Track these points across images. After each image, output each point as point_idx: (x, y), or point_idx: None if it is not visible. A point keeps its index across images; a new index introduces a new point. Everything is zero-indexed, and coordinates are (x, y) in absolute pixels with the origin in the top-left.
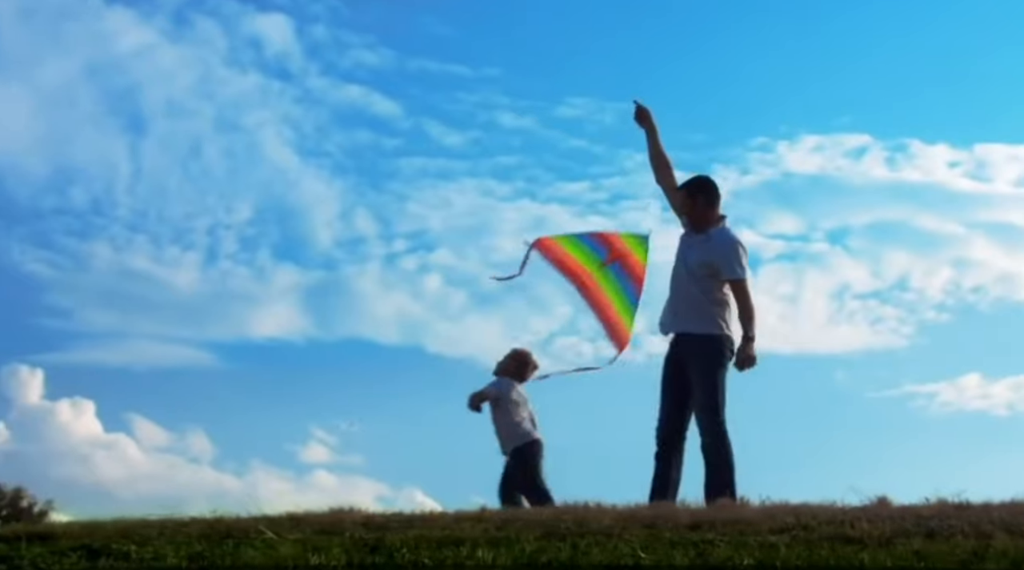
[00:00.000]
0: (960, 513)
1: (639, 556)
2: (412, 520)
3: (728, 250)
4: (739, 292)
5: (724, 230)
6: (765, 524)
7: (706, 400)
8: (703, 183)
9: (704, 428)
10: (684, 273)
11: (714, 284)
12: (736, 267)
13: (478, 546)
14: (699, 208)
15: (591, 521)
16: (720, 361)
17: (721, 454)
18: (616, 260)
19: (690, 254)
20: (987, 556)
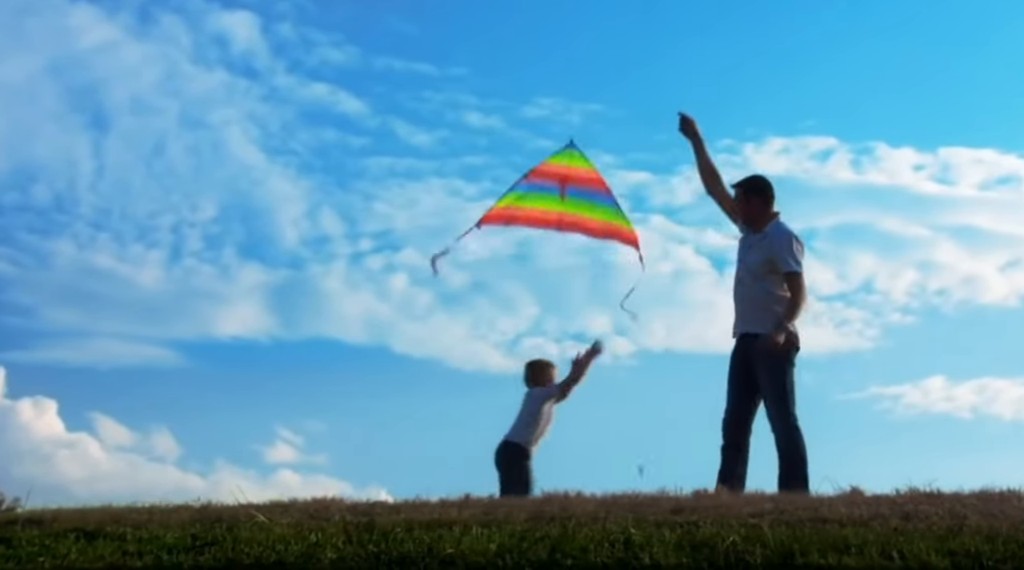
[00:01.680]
0: (932, 500)
1: (630, 532)
2: (398, 506)
3: (784, 244)
4: (793, 285)
5: (779, 225)
6: (745, 509)
7: (777, 397)
8: (757, 183)
9: (777, 425)
10: (746, 274)
11: (776, 281)
12: (791, 261)
13: (470, 527)
14: (755, 208)
15: (575, 507)
16: (788, 358)
17: (795, 448)
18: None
19: (749, 255)
20: (962, 532)
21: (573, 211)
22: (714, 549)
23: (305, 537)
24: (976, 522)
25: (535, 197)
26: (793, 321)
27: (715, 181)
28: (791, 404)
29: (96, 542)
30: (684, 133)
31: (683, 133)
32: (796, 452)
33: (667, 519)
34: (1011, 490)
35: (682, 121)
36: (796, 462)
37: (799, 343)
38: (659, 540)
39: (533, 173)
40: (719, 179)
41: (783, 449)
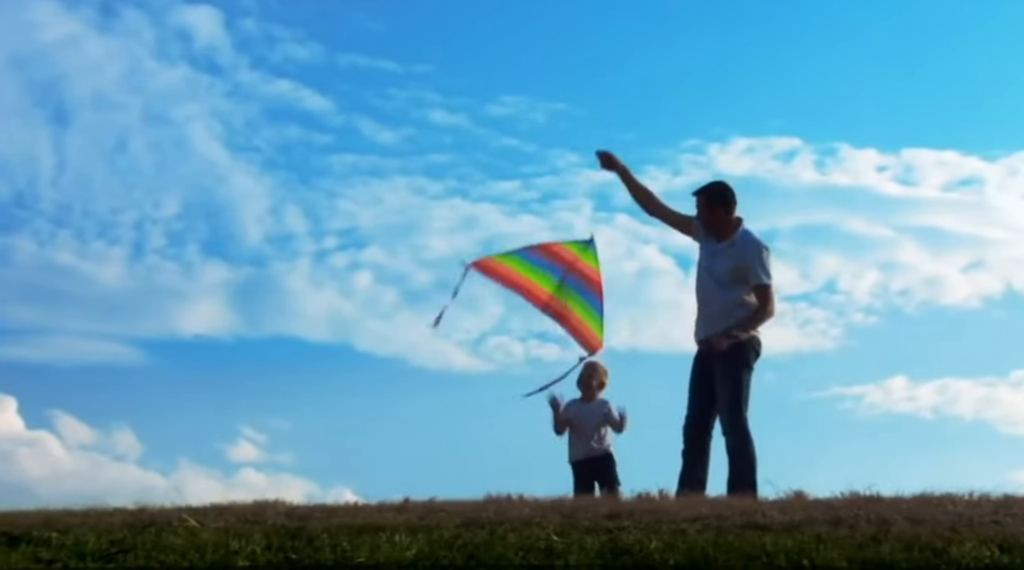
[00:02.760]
0: (870, 505)
1: (552, 540)
2: (335, 510)
3: (755, 254)
4: (762, 296)
5: (748, 233)
6: (681, 514)
7: (729, 401)
8: (718, 190)
9: (727, 428)
10: (710, 281)
11: (743, 289)
12: (762, 273)
13: (397, 533)
14: (717, 217)
15: (511, 511)
16: (746, 362)
17: (744, 453)
18: (570, 273)
19: (715, 262)
20: (884, 540)
21: (563, 300)
22: (633, 556)
23: (226, 543)
24: (901, 529)
25: (536, 270)
26: (753, 330)
27: (652, 202)
28: (744, 409)
29: (17, 548)
30: (607, 169)
31: (606, 169)
32: (746, 456)
33: (598, 525)
34: (947, 494)
35: (601, 158)
36: (745, 466)
37: (760, 349)
38: (580, 547)
39: (543, 248)
40: (655, 198)
41: (734, 453)
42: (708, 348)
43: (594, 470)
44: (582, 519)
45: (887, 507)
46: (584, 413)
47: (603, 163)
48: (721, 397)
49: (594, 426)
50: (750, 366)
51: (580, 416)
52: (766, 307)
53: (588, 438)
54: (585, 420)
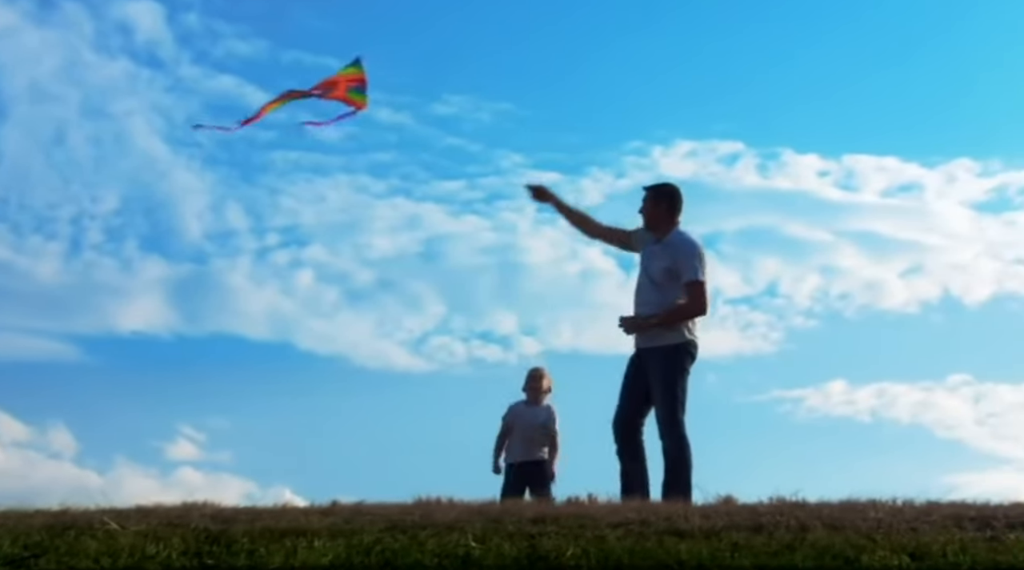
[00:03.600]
0: (793, 511)
1: (470, 546)
2: (261, 513)
3: (688, 252)
4: (692, 292)
5: (682, 233)
6: (606, 519)
7: (665, 405)
8: (671, 190)
9: (664, 432)
10: (647, 282)
11: (675, 291)
12: (694, 270)
13: (318, 537)
14: (661, 212)
15: (438, 515)
16: (682, 367)
17: (681, 457)
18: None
19: (652, 263)
20: (799, 547)
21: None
22: (548, 563)
23: (143, 548)
24: (817, 536)
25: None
26: (679, 323)
27: (590, 225)
28: (680, 413)
29: None
30: (539, 201)
31: (538, 201)
32: (682, 461)
33: (522, 530)
34: (872, 500)
35: (532, 191)
36: (681, 471)
37: (696, 353)
38: (498, 553)
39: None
40: (591, 221)
41: (670, 457)
42: (628, 326)
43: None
44: (507, 524)
45: (810, 513)
46: (528, 416)
47: (534, 196)
48: (657, 402)
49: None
50: (686, 370)
51: (523, 419)
52: (695, 302)
53: (528, 441)
54: (527, 422)
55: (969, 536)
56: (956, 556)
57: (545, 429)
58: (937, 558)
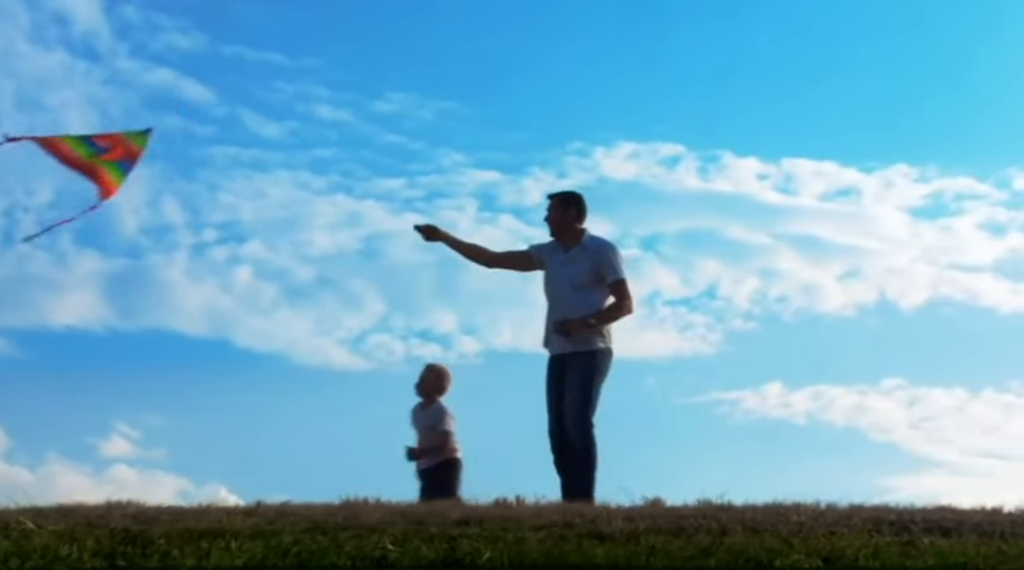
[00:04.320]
0: (717, 514)
1: (387, 548)
2: (184, 513)
3: (610, 252)
4: (619, 291)
5: (596, 237)
6: (531, 521)
7: (578, 404)
8: (578, 197)
9: (573, 433)
10: (569, 289)
11: (602, 292)
12: (618, 269)
13: (237, 539)
14: (569, 219)
15: (362, 516)
16: (602, 371)
17: (586, 457)
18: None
19: (572, 269)
20: (715, 551)
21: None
22: (464, 566)
23: (56, 549)
24: (735, 540)
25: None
26: (611, 322)
27: (484, 256)
28: (591, 414)
29: None
30: (430, 240)
31: (430, 241)
32: (588, 462)
33: (444, 532)
34: (796, 503)
35: (422, 232)
36: (586, 472)
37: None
38: (415, 556)
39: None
40: (486, 251)
41: (576, 458)
42: (562, 330)
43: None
44: (430, 526)
45: (733, 516)
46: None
47: (426, 236)
48: (569, 401)
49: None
50: (603, 374)
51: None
52: (623, 302)
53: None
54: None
55: (885, 540)
56: (868, 561)
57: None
58: (849, 562)
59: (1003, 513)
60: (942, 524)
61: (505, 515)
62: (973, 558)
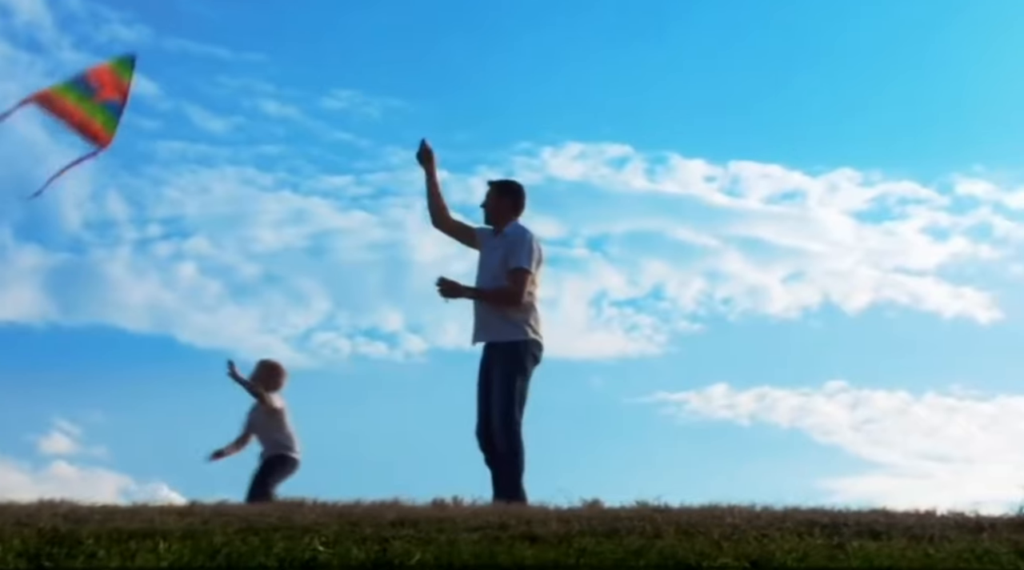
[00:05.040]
0: (654, 515)
1: (317, 550)
2: (116, 512)
3: (519, 241)
4: (513, 278)
5: (518, 225)
6: (466, 523)
7: (501, 403)
8: (516, 187)
9: (499, 431)
10: (487, 277)
11: None
12: (521, 257)
13: (167, 539)
14: (503, 206)
15: (297, 516)
16: (522, 365)
17: (512, 457)
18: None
19: (490, 258)
20: (645, 553)
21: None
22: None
23: None
24: (666, 543)
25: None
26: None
27: (444, 215)
28: (516, 412)
29: None
30: (421, 160)
31: (420, 160)
32: (514, 462)
33: (378, 533)
34: (732, 506)
35: (423, 149)
36: (513, 472)
37: (540, 354)
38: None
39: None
40: (447, 213)
41: (503, 458)
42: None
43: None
44: (365, 526)
45: (669, 518)
46: (252, 415)
47: (422, 154)
48: (495, 401)
49: (264, 426)
50: (526, 370)
51: (252, 418)
52: (514, 288)
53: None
54: (251, 422)
55: (816, 543)
56: (795, 563)
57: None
58: (777, 565)
59: (936, 516)
60: (874, 527)
61: (441, 516)
62: (898, 561)
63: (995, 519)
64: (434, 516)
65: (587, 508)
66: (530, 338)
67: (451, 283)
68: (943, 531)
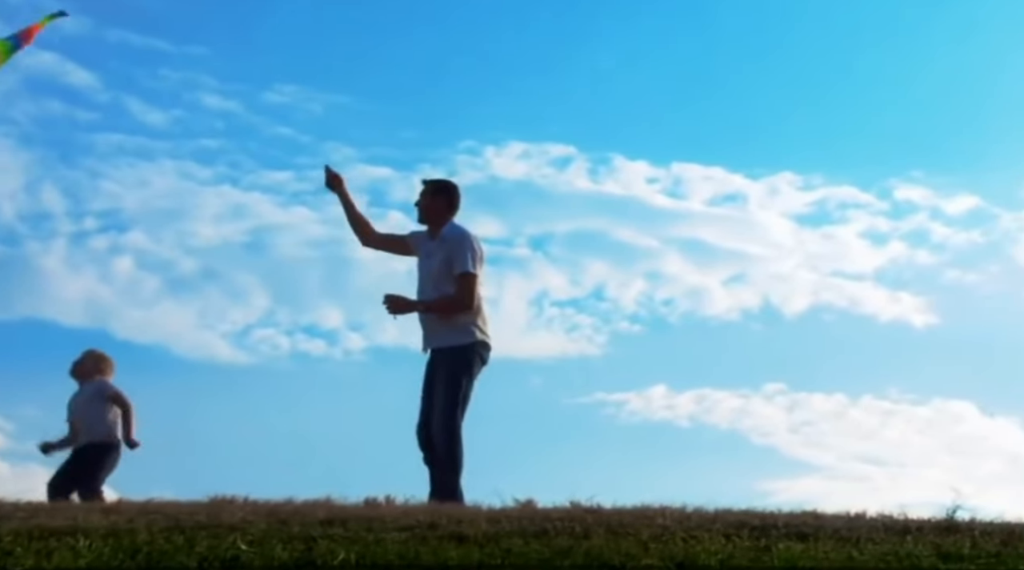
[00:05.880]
0: (585, 516)
1: (240, 549)
2: (40, 510)
3: (461, 243)
4: (462, 283)
5: (455, 226)
6: (396, 522)
7: (444, 404)
8: (451, 186)
9: (439, 430)
10: (428, 282)
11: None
12: (466, 261)
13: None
14: (438, 206)
15: (225, 515)
16: (468, 367)
17: (451, 458)
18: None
19: (430, 262)
20: (570, 554)
21: None
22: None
23: None
24: (593, 543)
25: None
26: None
27: (369, 232)
28: (458, 413)
29: None
30: (330, 187)
31: (329, 187)
32: (452, 461)
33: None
34: (664, 507)
35: (329, 176)
36: (450, 471)
37: (487, 356)
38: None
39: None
40: (370, 228)
41: (442, 457)
42: (392, 304)
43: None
44: (293, 525)
45: (600, 519)
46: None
47: (329, 181)
48: (438, 401)
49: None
50: (471, 372)
51: (71, 404)
52: (463, 294)
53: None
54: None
55: (743, 545)
56: (719, 565)
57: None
58: (701, 566)
59: (865, 518)
60: (802, 529)
61: (372, 515)
62: (821, 563)
63: (922, 522)
64: (365, 515)
65: (520, 508)
66: (478, 340)
67: (398, 299)
68: (870, 534)
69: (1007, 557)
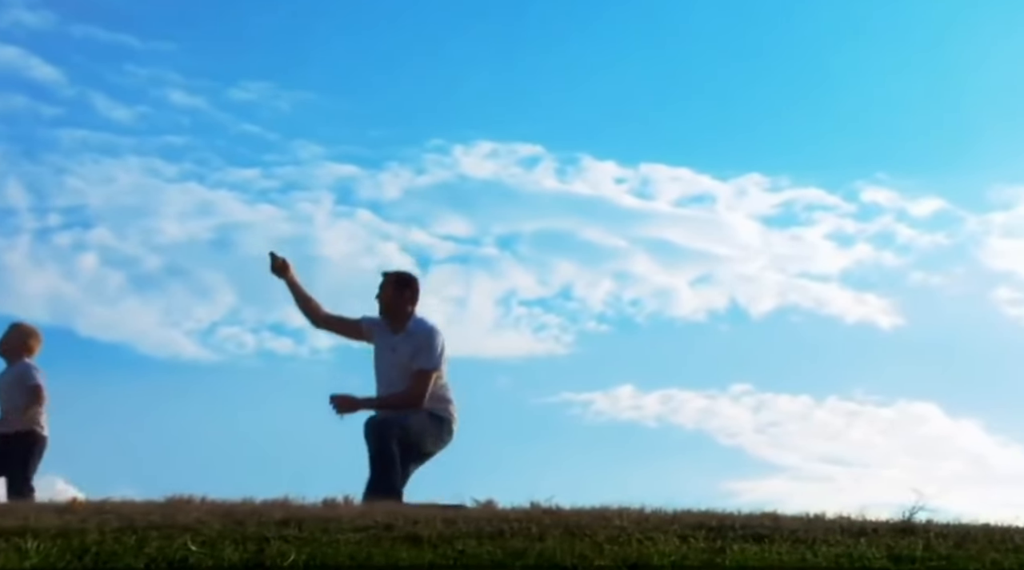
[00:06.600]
0: (543, 517)
1: (190, 549)
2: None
3: (428, 339)
4: (416, 378)
5: (422, 320)
6: (352, 523)
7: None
8: (412, 280)
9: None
10: (395, 375)
11: None
12: (426, 357)
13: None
14: (401, 300)
15: (180, 515)
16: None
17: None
18: None
19: (394, 356)
20: (525, 555)
21: None
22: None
23: None
24: (548, 545)
25: None
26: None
27: (318, 314)
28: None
29: None
30: (276, 273)
31: (275, 273)
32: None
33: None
34: (623, 508)
35: (274, 262)
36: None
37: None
38: (218, 558)
39: None
40: (320, 308)
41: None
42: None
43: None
44: (249, 526)
45: (558, 520)
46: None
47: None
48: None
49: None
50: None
51: None
52: (413, 390)
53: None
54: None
55: (697, 546)
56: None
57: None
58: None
59: (824, 520)
60: (759, 531)
61: (328, 516)
62: (774, 565)
63: (879, 524)
64: (322, 516)
65: (479, 509)
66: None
67: (345, 398)
68: (826, 535)
69: (958, 559)
